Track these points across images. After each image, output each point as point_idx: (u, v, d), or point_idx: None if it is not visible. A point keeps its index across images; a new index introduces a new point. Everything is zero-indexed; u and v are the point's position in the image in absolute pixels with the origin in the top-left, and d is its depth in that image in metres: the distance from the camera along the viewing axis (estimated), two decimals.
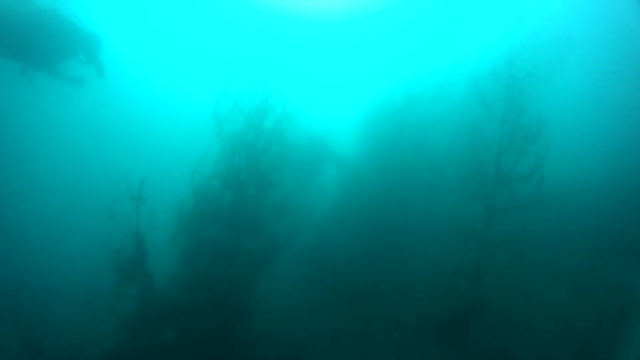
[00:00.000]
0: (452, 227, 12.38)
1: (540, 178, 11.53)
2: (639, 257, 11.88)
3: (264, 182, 13.59)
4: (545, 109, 11.74)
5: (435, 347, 10.95)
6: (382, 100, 18.78)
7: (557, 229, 13.06)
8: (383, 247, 14.87)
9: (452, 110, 17.37)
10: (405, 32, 21.99)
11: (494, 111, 12.20)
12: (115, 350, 11.45)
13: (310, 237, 16.04)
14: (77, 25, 16.57)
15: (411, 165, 16.30)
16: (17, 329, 12.31)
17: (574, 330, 10.79)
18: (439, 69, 19.42)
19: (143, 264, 11.70)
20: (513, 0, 18.88)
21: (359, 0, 23.86)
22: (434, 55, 20.16)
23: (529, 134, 11.40)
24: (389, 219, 15.44)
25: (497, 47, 15.03)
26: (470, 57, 16.74)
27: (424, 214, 14.90)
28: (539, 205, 11.60)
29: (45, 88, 14.37)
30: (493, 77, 12.78)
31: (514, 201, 11.66)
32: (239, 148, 13.39)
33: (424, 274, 13.30)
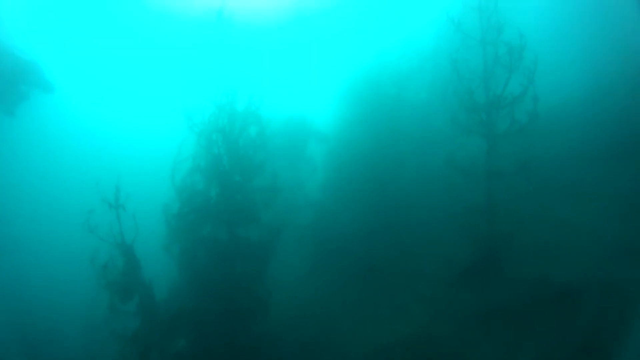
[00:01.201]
0: (454, 167, 11.65)
1: (535, 94, 10.86)
2: None
3: (248, 165, 12.70)
4: (526, 22, 11.07)
5: (467, 292, 10.23)
6: (355, 70, 18.15)
7: (563, 144, 12.44)
8: (386, 209, 14.10)
9: (425, 56, 16.72)
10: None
11: (471, 36, 11.51)
12: None
13: (309, 216, 15.23)
14: (18, 55, 15.57)
15: (395, 121, 15.58)
16: None
17: (606, 243, 10.15)
18: (404, 22, 18.79)
19: (136, 276, 10.76)
20: None
21: None
22: (397, 11, 19.51)
23: (513, 50, 10.68)
24: (385, 180, 14.69)
25: None
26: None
27: (420, 163, 14.19)
28: (538, 122, 10.95)
29: None
30: (463, 4, 12.12)
31: (512, 124, 10.97)
32: (214, 135, 12.47)
33: (435, 224, 12.58)
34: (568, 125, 13.34)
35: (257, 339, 11.89)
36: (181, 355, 10.84)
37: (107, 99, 18.98)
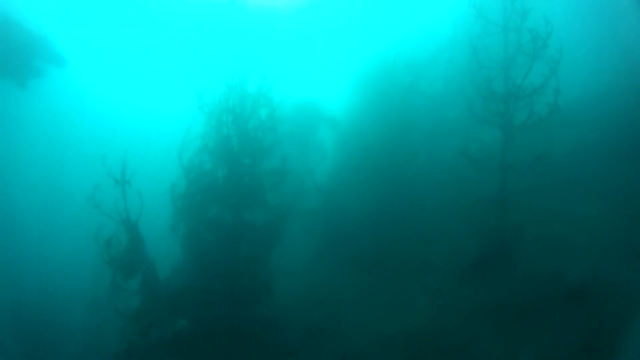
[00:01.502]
0: (468, 158, 11.31)
1: (557, 86, 10.43)
2: None
3: (257, 147, 12.48)
4: (552, 8, 10.57)
5: (475, 286, 9.98)
6: (369, 57, 17.74)
7: (578, 139, 12.00)
8: (396, 199, 13.81)
9: (441, 45, 16.28)
10: None
11: (493, 22, 11.07)
12: (128, 350, 10.49)
13: (317, 202, 15.02)
14: (31, 29, 15.45)
15: (408, 110, 15.20)
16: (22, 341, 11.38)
17: (617, 241, 9.79)
18: (421, 9, 18.31)
19: (139, 253, 10.66)
20: None
21: None
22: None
23: (537, 38, 10.22)
24: (396, 169, 14.37)
25: None
26: None
27: (432, 153, 13.85)
28: (558, 116, 10.54)
29: None
30: None
31: (531, 116, 10.56)
32: (224, 115, 12.25)
33: (445, 216, 12.29)
34: (584, 120, 12.89)
35: (259, 322, 11.79)
36: (182, 334, 10.76)
37: (119, 76, 18.91)
